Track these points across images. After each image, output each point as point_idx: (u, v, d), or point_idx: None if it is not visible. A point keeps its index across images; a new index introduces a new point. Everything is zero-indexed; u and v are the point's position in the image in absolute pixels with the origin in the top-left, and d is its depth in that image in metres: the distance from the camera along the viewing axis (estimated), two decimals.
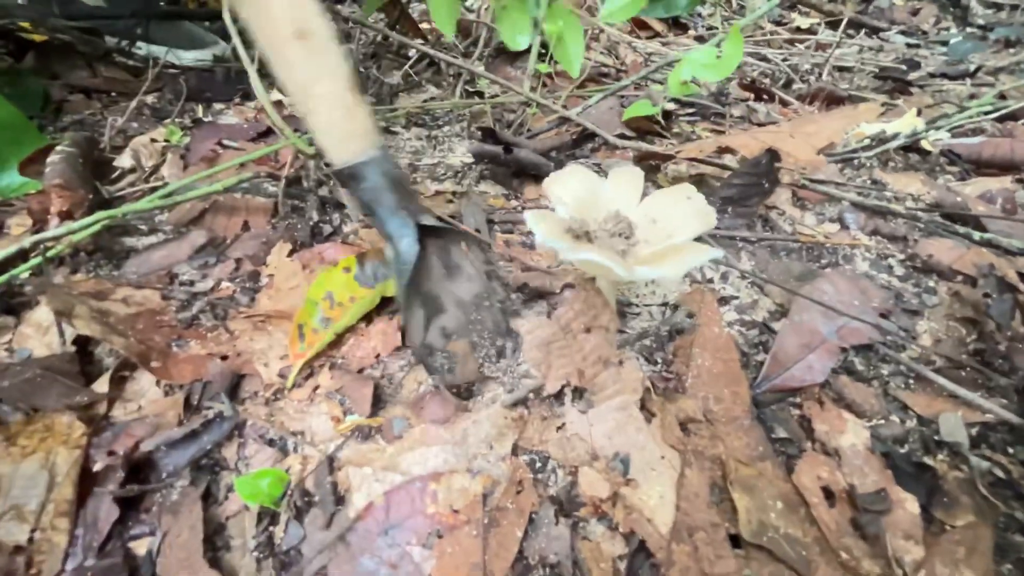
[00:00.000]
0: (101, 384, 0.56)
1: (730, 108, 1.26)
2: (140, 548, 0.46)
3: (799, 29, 2.07)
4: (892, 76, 1.55)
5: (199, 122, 1.09)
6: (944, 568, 0.44)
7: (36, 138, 0.85)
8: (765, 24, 2.07)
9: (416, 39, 1.30)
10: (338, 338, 0.62)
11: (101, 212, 0.70)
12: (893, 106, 1.32)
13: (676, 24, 1.98)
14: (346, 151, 0.58)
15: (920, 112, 1.15)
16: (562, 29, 0.94)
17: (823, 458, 0.52)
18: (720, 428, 0.54)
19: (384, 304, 0.65)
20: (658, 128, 1.12)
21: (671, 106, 1.21)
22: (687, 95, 1.23)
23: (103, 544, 0.45)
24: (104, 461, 0.49)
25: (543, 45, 1.02)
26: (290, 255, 0.73)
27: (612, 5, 0.93)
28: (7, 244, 0.68)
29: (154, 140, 0.96)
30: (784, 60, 1.67)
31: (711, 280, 0.74)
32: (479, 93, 1.27)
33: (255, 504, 0.47)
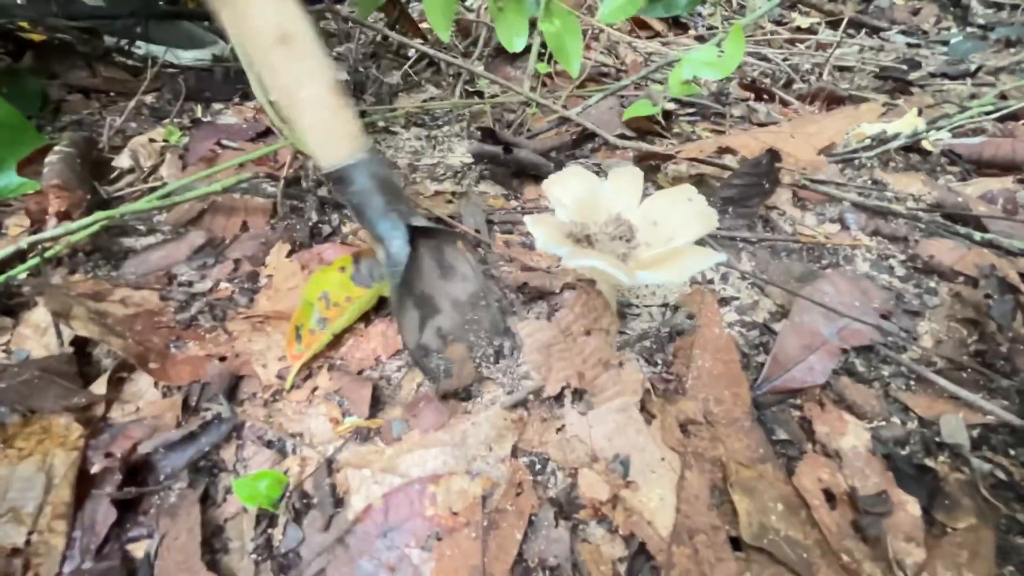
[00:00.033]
0: (99, 385, 0.56)
1: (730, 108, 1.26)
2: (138, 550, 0.45)
3: (799, 29, 2.07)
4: (893, 76, 1.55)
5: (198, 122, 1.09)
6: (946, 571, 0.44)
7: (34, 138, 0.85)
8: (765, 24, 2.06)
9: (416, 39, 1.30)
10: (337, 339, 0.62)
11: (99, 212, 0.70)
12: (894, 106, 1.32)
13: (676, 24, 1.98)
14: (333, 154, 0.58)
15: (921, 112, 1.15)
16: (560, 29, 0.93)
17: (824, 460, 0.52)
18: (720, 430, 0.54)
19: (383, 305, 0.65)
20: (658, 128, 1.12)
21: (671, 106, 1.20)
22: (687, 95, 1.23)
23: (101, 546, 0.45)
24: (102, 463, 0.49)
25: (543, 45, 1.02)
26: (289, 256, 0.73)
27: (610, 5, 0.93)
28: (5, 245, 0.68)
29: (153, 140, 0.96)
30: (784, 60, 1.67)
31: (711, 281, 0.74)
32: (479, 93, 1.27)
33: (253, 506, 0.47)
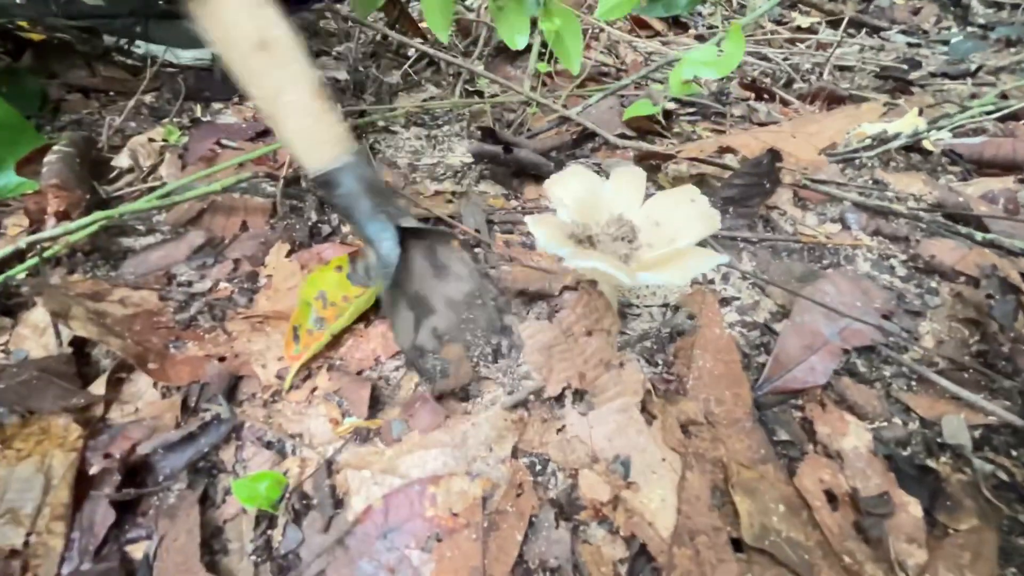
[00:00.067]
0: (98, 386, 0.55)
1: (731, 108, 1.26)
2: (137, 552, 0.45)
3: (800, 28, 2.06)
4: (893, 75, 1.55)
5: (197, 121, 1.08)
6: (948, 572, 0.44)
7: (33, 137, 0.85)
8: (765, 23, 2.06)
9: (415, 38, 1.30)
10: (336, 339, 0.62)
11: (98, 212, 0.70)
12: (894, 106, 1.32)
13: (676, 23, 1.97)
14: (318, 158, 0.57)
15: (922, 112, 1.15)
16: (560, 27, 0.93)
17: (825, 461, 0.52)
18: (721, 430, 0.53)
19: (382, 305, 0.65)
20: (658, 128, 1.12)
21: (671, 105, 1.20)
22: (688, 94, 1.22)
23: (99, 548, 0.45)
24: (100, 464, 0.49)
25: (543, 44, 1.02)
26: (289, 255, 0.72)
27: (607, 2, 0.93)
28: (4, 245, 0.67)
29: (152, 140, 0.96)
30: (785, 59, 1.67)
31: (712, 281, 0.74)
32: (479, 92, 1.27)
33: (253, 507, 0.47)
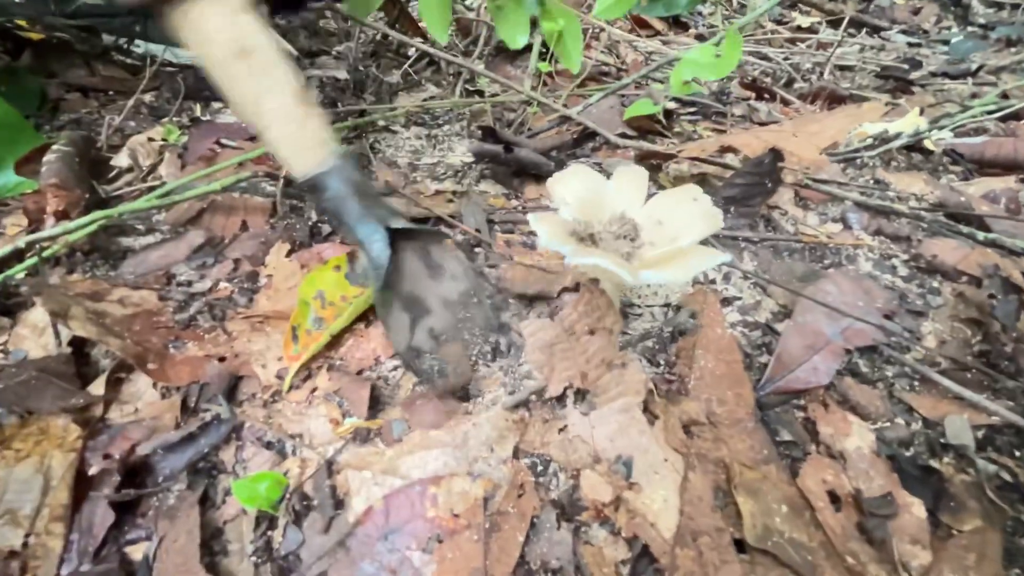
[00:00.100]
0: (97, 386, 0.55)
1: (731, 107, 1.25)
2: (136, 553, 0.45)
3: (800, 28, 2.06)
4: (894, 75, 1.55)
5: (197, 121, 1.08)
6: (952, 574, 0.44)
7: (32, 137, 0.85)
8: (766, 23, 2.06)
9: (416, 38, 1.30)
10: (336, 339, 0.61)
11: (98, 212, 0.70)
12: (895, 105, 1.31)
13: (677, 23, 1.97)
14: (304, 163, 0.57)
15: (922, 111, 1.14)
16: (560, 25, 0.93)
17: (828, 461, 0.51)
18: (724, 431, 0.53)
19: None
20: (659, 127, 1.11)
21: (672, 105, 1.20)
22: (688, 94, 1.22)
23: (99, 549, 0.45)
24: (100, 465, 0.49)
25: (544, 44, 1.02)
26: (289, 255, 0.72)
27: (605, 1, 0.93)
28: (3, 244, 0.67)
29: (151, 139, 0.95)
30: (785, 59, 1.67)
31: (713, 281, 0.73)
32: (479, 92, 1.27)
33: (253, 508, 0.47)
